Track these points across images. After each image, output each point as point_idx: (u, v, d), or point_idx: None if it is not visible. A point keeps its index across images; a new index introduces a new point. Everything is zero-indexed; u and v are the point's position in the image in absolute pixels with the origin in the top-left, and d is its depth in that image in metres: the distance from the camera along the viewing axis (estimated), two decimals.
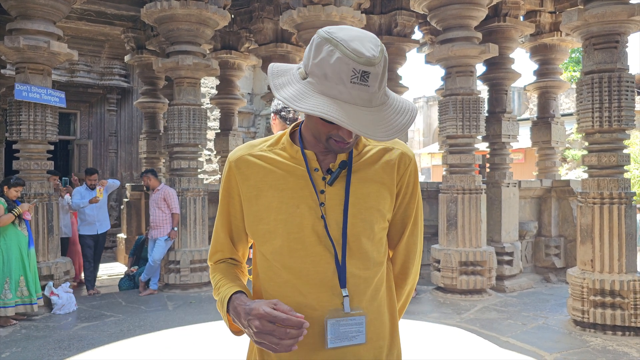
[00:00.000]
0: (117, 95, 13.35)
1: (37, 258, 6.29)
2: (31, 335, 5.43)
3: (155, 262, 7.35)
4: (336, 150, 1.32)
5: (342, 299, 1.31)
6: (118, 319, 6.09)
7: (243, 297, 1.34)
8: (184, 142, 7.46)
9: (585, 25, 5.43)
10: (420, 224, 1.52)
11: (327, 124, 1.28)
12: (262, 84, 15.04)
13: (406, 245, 1.51)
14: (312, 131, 1.36)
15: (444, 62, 7.00)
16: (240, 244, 1.51)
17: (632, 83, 5.39)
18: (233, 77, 10.39)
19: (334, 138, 1.30)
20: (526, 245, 8.32)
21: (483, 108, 7.03)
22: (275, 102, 2.66)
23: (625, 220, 5.35)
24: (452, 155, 7.05)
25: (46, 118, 6.47)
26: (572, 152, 16.76)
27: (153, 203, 7.44)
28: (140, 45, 10.20)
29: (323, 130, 1.30)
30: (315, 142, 1.38)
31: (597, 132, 5.51)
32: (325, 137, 1.31)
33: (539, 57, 9.04)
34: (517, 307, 6.53)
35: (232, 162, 1.44)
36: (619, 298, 5.27)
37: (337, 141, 1.30)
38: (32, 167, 6.45)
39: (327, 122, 1.27)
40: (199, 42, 7.51)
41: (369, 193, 1.38)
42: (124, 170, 13.46)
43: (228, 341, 5.09)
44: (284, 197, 1.36)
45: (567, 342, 5.21)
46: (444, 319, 5.96)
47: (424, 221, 1.58)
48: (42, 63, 6.41)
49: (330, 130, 1.29)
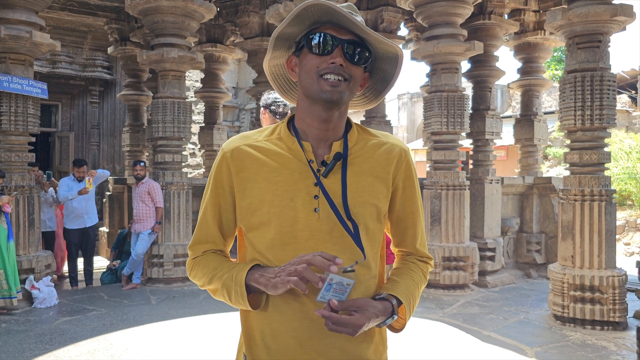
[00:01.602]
0: (99, 87, 13.18)
1: (18, 251, 6.21)
2: (11, 330, 5.36)
3: (139, 256, 7.29)
4: (329, 96, 1.30)
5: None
6: (100, 313, 6.03)
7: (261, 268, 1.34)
8: (168, 136, 7.41)
9: (569, 24, 5.50)
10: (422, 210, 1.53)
11: (315, 57, 1.31)
12: (247, 78, 14.97)
13: (421, 234, 1.52)
14: (303, 82, 1.35)
15: (430, 58, 7.04)
16: (229, 238, 1.49)
17: (613, 82, 5.48)
18: (218, 70, 10.33)
19: (325, 74, 1.30)
20: (508, 241, 8.42)
21: (467, 105, 7.09)
22: (265, 96, 2.65)
23: (606, 217, 5.45)
24: (437, 152, 7.10)
25: (28, 109, 6.37)
26: (554, 149, 16.98)
27: (137, 197, 7.37)
28: (124, 36, 10.08)
29: (313, 69, 1.31)
30: (309, 122, 1.37)
31: (579, 130, 5.59)
32: (316, 78, 1.31)
33: (523, 55, 9.13)
34: (498, 302, 6.61)
35: (227, 152, 1.41)
36: (598, 293, 5.37)
37: (328, 78, 1.30)
38: (13, 159, 6.35)
39: (314, 54, 1.32)
40: (184, 34, 7.45)
41: (364, 187, 1.37)
42: (106, 164, 13.30)
43: (212, 336, 5.09)
44: (278, 189, 1.34)
45: (547, 336, 5.30)
46: (427, 314, 6.01)
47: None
48: (24, 53, 6.31)
49: (319, 64, 1.31)
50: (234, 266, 1.38)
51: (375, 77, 1.47)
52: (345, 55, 1.32)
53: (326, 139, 1.39)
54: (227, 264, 1.41)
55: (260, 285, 1.30)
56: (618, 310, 5.31)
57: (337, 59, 1.30)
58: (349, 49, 1.33)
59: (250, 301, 1.35)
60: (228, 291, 1.34)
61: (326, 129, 1.38)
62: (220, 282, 1.37)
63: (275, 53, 1.44)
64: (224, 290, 1.36)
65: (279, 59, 1.47)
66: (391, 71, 1.43)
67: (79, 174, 7.50)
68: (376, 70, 1.46)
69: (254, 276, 1.31)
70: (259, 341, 1.37)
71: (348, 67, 1.32)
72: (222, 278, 1.36)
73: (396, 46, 1.36)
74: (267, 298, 1.35)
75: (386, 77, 1.45)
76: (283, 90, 1.54)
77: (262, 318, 1.37)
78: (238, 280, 1.32)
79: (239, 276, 1.32)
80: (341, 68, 1.31)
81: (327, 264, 1.20)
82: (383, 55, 1.41)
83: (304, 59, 1.35)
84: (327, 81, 1.30)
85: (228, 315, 5.52)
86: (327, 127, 1.37)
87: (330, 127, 1.38)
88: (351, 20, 1.29)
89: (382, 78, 1.47)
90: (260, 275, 1.30)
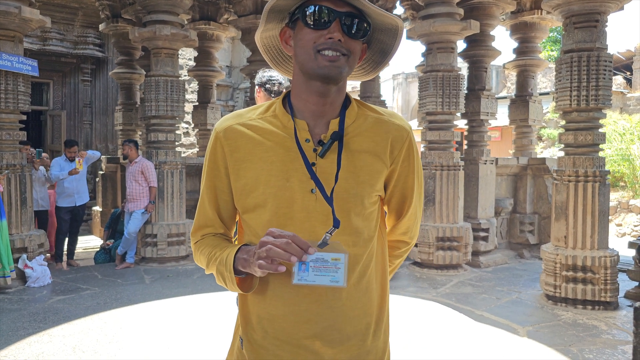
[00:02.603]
0: (91, 65, 13.01)
1: (10, 230, 6.17)
2: (5, 308, 5.35)
3: (131, 234, 7.28)
4: (328, 72, 1.25)
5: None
6: (94, 292, 6.03)
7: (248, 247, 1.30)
8: (162, 115, 7.34)
9: (567, 3, 5.44)
10: (422, 194, 1.49)
11: (311, 32, 1.26)
12: (241, 57, 14.82)
13: (411, 217, 1.48)
14: (299, 58, 1.29)
15: (425, 38, 6.97)
16: (229, 220, 1.44)
17: (610, 63, 5.45)
18: (211, 48, 10.20)
19: (323, 49, 1.24)
20: (501, 221, 8.46)
21: (463, 85, 7.05)
22: (260, 74, 2.60)
23: (599, 198, 5.47)
24: (431, 132, 7.08)
25: (18, 87, 6.27)
26: (548, 130, 17.00)
27: (130, 176, 7.32)
28: (116, 13, 9.90)
29: (309, 44, 1.26)
30: (305, 98, 1.32)
31: (575, 110, 5.57)
32: (313, 54, 1.25)
33: (519, 35, 9.05)
34: (491, 282, 6.66)
35: (220, 132, 1.36)
36: (590, 273, 5.41)
37: (326, 54, 1.24)
38: (3, 138, 6.27)
39: (310, 28, 1.25)
40: (177, 11, 7.34)
41: (362, 166, 1.32)
42: (98, 142, 13.20)
43: (206, 315, 5.11)
44: (273, 169, 1.30)
45: (539, 315, 5.35)
46: (420, 293, 6.05)
47: None
48: (13, 29, 6.18)
49: (316, 38, 1.25)
50: (226, 248, 1.34)
51: (373, 48, 1.41)
52: (343, 29, 1.26)
53: (323, 115, 1.34)
54: (221, 247, 1.37)
55: (245, 269, 1.26)
56: (609, 290, 5.36)
57: (335, 34, 1.24)
58: (346, 21, 1.26)
59: (244, 284, 1.33)
60: (223, 277, 1.32)
61: (323, 104, 1.33)
62: (214, 267, 1.34)
63: (267, 25, 1.37)
64: (219, 275, 1.34)
65: (272, 31, 1.40)
66: (390, 43, 1.38)
67: (70, 154, 7.48)
68: (374, 42, 1.40)
69: (239, 260, 1.27)
70: (255, 324, 1.35)
71: (346, 41, 1.27)
72: (216, 263, 1.33)
73: (396, 17, 1.30)
74: (265, 281, 1.32)
75: (385, 48, 1.40)
76: (276, 62, 1.48)
77: (258, 301, 1.34)
78: (227, 265, 1.29)
79: (228, 260, 1.29)
80: (339, 43, 1.25)
81: (299, 253, 1.15)
82: (382, 26, 1.35)
83: (299, 32, 1.29)
84: (325, 57, 1.25)
85: (222, 294, 5.53)
86: (324, 102, 1.32)
87: (327, 102, 1.33)
88: None
89: (380, 50, 1.41)
90: (244, 258, 1.26)
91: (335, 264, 1.17)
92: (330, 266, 1.17)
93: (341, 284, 1.17)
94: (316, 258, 1.16)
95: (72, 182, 7.46)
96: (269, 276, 1.30)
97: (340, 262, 1.17)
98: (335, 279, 1.17)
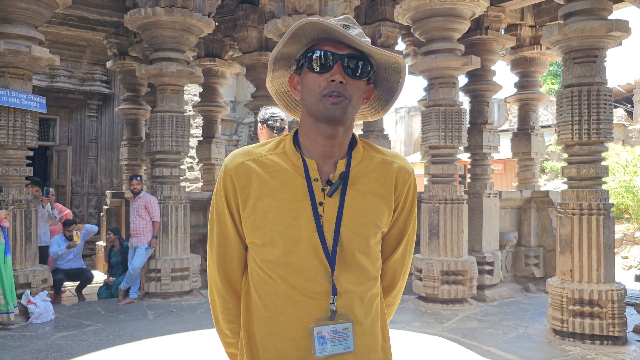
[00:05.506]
0: (97, 101, 13.19)
1: (14, 266, 6.17)
2: (7, 345, 5.31)
3: (136, 270, 7.26)
4: (332, 113, 1.28)
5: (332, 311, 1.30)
6: (97, 328, 5.99)
7: None
8: (167, 150, 7.41)
9: (566, 39, 5.55)
10: (413, 239, 1.51)
11: (316, 76, 1.30)
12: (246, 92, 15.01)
13: (399, 260, 1.49)
14: (306, 102, 1.33)
15: (427, 73, 7.08)
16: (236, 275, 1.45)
17: (610, 97, 5.51)
18: (216, 84, 10.37)
19: (327, 93, 1.28)
20: (506, 255, 8.41)
21: (465, 119, 7.11)
22: (262, 111, 2.66)
23: (604, 231, 5.45)
24: (435, 166, 7.11)
25: (26, 123, 6.37)
26: (551, 163, 17.03)
27: (134, 211, 7.35)
28: (123, 51, 10.12)
29: (315, 88, 1.29)
30: (313, 139, 1.35)
31: (577, 144, 5.61)
32: (319, 96, 1.29)
33: (520, 70, 9.19)
34: (497, 317, 6.59)
35: (231, 169, 1.38)
36: (597, 307, 5.35)
37: (331, 96, 1.28)
38: (10, 173, 6.33)
39: (314, 72, 1.30)
40: (183, 49, 7.49)
41: (368, 207, 1.35)
42: (103, 177, 13.28)
43: (209, 351, 5.05)
44: (282, 207, 1.32)
45: (547, 351, 5.27)
46: (425, 328, 5.98)
47: None
48: (23, 68, 6.32)
49: (320, 82, 1.29)
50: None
51: (380, 87, 1.45)
52: (346, 71, 1.30)
53: (331, 155, 1.37)
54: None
55: None
56: (617, 325, 5.29)
57: (336, 76, 1.28)
58: (350, 63, 1.30)
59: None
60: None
61: (331, 145, 1.36)
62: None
63: (276, 73, 1.42)
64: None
65: (281, 78, 1.45)
66: (395, 80, 1.41)
67: (69, 233, 7.80)
68: (381, 81, 1.43)
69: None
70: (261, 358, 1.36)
71: (349, 82, 1.30)
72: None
73: (397, 56, 1.35)
74: (269, 320, 1.36)
75: (391, 86, 1.43)
76: (290, 108, 1.51)
77: (265, 336, 1.35)
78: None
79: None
80: (341, 86, 1.29)
81: None
82: (386, 65, 1.39)
83: (305, 77, 1.34)
84: (329, 99, 1.28)
85: None
86: (332, 143, 1.36)
87: (335, 144, 1.36)
88: (347, 36, 1.27)
89: (387, 88, 1.44)
90: None
91: (345, 333, 1.29)
92: (342, 335, 1.29)
93: (351, 349, 1.30)
94: (331, 330, 1.26)
95: (70, 255, 7.83)
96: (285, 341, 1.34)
97: (349, 331, 1.30)
98: (347, 346, 1.30)
